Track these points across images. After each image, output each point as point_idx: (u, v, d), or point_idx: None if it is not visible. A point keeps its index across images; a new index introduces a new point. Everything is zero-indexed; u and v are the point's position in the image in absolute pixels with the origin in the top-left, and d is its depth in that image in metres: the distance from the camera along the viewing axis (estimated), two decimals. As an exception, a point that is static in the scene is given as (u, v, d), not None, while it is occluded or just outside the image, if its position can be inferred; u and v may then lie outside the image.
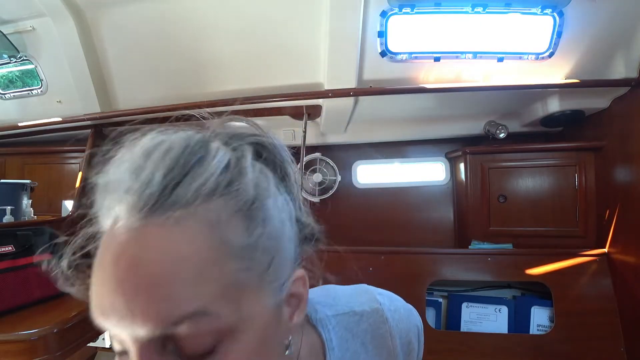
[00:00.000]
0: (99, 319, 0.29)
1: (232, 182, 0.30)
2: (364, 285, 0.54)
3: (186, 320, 0.27)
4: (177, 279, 0.27)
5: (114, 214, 0.30)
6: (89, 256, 0.33)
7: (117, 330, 0.29)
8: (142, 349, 0.28)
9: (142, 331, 0.27)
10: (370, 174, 2.13)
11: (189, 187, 0.29)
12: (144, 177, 0.29)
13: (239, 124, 0.37)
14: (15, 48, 1.63)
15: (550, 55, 1.44)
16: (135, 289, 0.27)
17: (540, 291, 1.64)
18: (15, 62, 1.74)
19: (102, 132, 1.94)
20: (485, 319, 1.64)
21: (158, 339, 0.28)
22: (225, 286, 0.29)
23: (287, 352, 0.36)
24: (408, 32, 1.43)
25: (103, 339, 1.69)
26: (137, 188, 0.29)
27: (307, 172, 2.02)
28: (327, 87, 1.54)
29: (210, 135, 0.34)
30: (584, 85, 1.48)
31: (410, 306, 0.54)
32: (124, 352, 0.30)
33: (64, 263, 0.35)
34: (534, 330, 1.59)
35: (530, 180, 1.73)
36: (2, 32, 1.56)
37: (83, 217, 0.35)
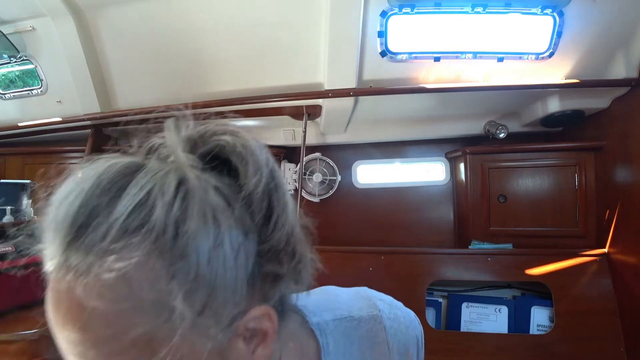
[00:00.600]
0: None
1: (143, 223, 0.27)
2: (365, 289, 0.52)
3: None
4: (86, 340, 0.28)
5: (46, 255, 0.30)
6: None
7: None
8: None
9: None
10: (370, 174, 2.13)
11: (95, 234, 0.27)
12: (58, 222, 0.29)
13: (206, 127, 0.33)
14: (15, 48, 1.63)
15: (550, 55, 1.44)
16: (62, 340, 0.29)
17: (540, 291, 1.64)
18: (15, 62, 1.74)
19: (102, 132, 1.94)
20: (485, 319, 1.64)
21: None
22: (137, 343, 0.28)
23: None
24: (408, 32, 1.43)
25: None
26: (53, 233, 0.29)
27: (307, 172, 2.02)
28: (327, 87, 1.54)
29: (148, 158, 0.32)
30: (584, 85, 1.48)
31: (411, 315, 0.51)
32: None
33: None
34: (534, 330, 1.59)
35: (530, 180, 1.73)
36: (2, 32, 1.56)
37: None
